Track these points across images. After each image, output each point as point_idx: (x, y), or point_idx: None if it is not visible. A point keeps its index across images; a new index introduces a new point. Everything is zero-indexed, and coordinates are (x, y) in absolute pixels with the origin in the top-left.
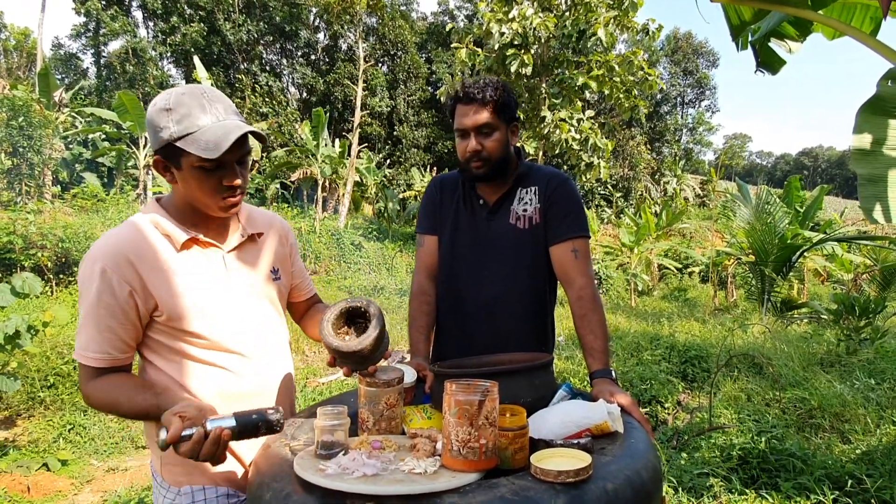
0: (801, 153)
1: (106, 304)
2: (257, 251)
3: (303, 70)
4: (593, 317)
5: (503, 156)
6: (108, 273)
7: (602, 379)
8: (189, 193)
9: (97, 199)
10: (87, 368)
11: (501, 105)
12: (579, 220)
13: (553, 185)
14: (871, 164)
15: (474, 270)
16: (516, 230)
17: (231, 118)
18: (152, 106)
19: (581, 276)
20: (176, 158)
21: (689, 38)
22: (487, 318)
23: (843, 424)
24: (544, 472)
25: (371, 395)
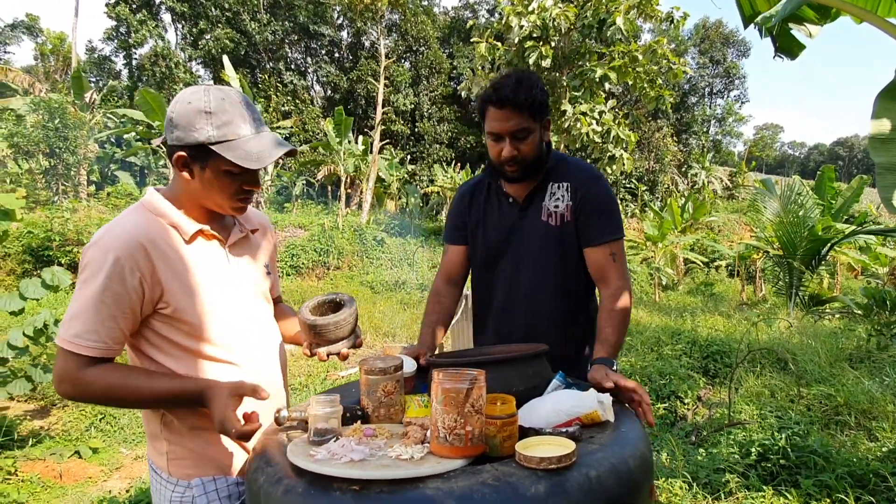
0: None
1: (114, 293)
2: (254, 247)
3: (327, 68)
4: (619, 314)
5: (538, 156)
6: (121, 261)
7: (601, 365)
8: (206, 192)
9: (131, 196)
10: (77, 357)
11: (535, 106)
12: (614, 221)
13: (586, 183)
14: (890, 151)
15: (507, 268)
16: (548, 227)
17: (264, 129)
18: (185, 104)
19: (618, 279)
20: (203, 159)
21: (718, 26)
22: (522, 315)
23: (871, 422)
24: (527, 458)
25: (369, 382)
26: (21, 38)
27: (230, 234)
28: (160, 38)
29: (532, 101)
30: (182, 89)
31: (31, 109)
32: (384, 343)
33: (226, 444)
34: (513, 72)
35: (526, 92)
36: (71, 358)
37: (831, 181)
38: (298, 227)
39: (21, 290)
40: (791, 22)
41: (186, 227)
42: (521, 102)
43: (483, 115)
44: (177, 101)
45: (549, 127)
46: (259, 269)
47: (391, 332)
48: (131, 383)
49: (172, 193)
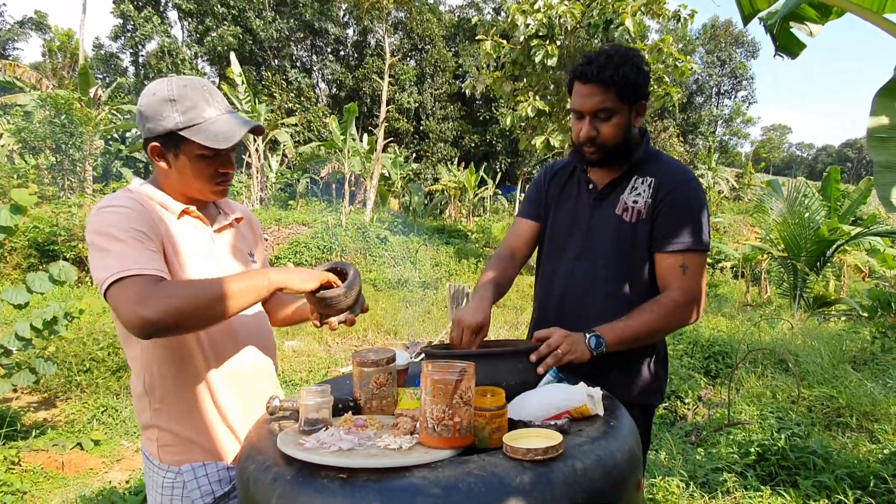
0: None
1: (145, 236)
2: (238, 234)
3: (332, 66)
4: (651, 315)
5: (622, 141)
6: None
7: (577, 333)
8: (184, 179)
9: None
10: (144, 278)
11: (625, 85)
12: (694, 230)
13: (672, 182)
14: (889, 149)
15: (570, 261)
16: (620, 222)
17: (231, 111)
18: (150, 95)
19: (680, 291)
20: (176, 146)
21: (728, 26)
22: (576, 312)
23: (873, 424)
24: (514, 449)
25: (362, 374)
26: (29, 34)
27: (215, 221)
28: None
29: (620, 79)
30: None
31: (38, 105)
32: (386, 341)
33: (215, 431)
34: (612, 47)
35: (614, 69)
36: (137, 281)
37: (837, 182)
38: (302, 224)
39: (28, 283)
40: (791, 20)
41: (173, 206)
42: (607, 79)
43: (570, 91)
44: (143, 95)
45: (642, 112)
46: (243, 256)
47: (393, 329)
48: (210, 283)
49: (157, 183)
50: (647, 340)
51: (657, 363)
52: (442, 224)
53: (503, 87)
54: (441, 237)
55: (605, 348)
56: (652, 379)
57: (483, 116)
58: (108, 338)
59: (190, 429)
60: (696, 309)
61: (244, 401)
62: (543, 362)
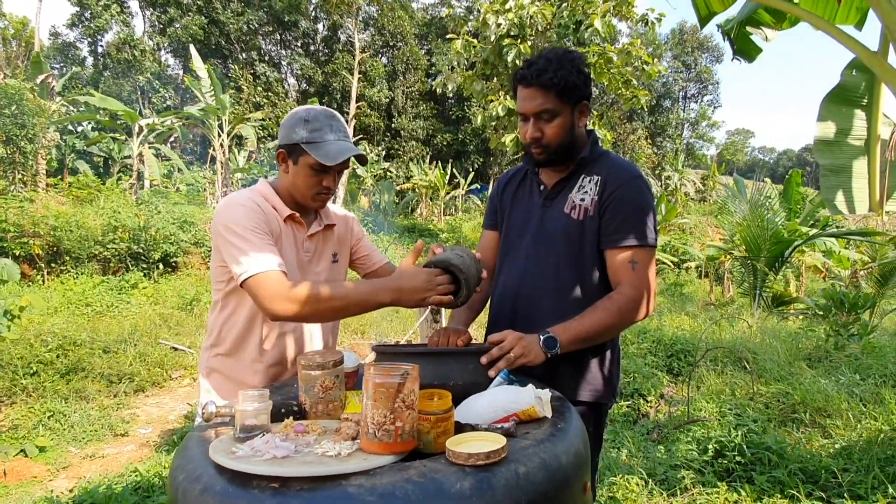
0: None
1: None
2: (325, 239)
3: (301, 61)
4: (604, 312)
5: (566, 141)
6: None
7: (530, 335)
8: (295, 183)
9: (93, 188)
10: (270, 278)
11: (565, 87)
12: (641, 226)
13: (618, 179)
14: (835, 154)
15: (521, 262)
16: (568, 220)
17: (347, 140)
18: (293, 114)
19: (630, 287)
20: (296, 155)
21: (694, 31)
22: (528, 312)
23: (825, 419)
24: (456, 454)
25: (307, 378)
26: None
27: (310, 227)
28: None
29: (560, 81)
30: (149, 78)
31: None
32: (353, 341)
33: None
34: (551, 50)
35: (554, 72)
36: (268, 280)
37: (798, 185)
38: None
39: None
40: (748, 25)
41: (282, 210)
42: (546, 82)
43: (515, 94)
44: (289, 113)
45: (586, 112)
46: (326, 258)
47: (360, 328)
48: (327, 294)
49: (276, 184)
50: (601, 338)
51: (611, 362)
52: (413, 223)
53: (474, 86)
54: (411, 236)
55: (560, 349)
56: (605, 379)
57: (455, 115)
58: (58, 339)
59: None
60: (646, 304)
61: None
62: (495, 366)
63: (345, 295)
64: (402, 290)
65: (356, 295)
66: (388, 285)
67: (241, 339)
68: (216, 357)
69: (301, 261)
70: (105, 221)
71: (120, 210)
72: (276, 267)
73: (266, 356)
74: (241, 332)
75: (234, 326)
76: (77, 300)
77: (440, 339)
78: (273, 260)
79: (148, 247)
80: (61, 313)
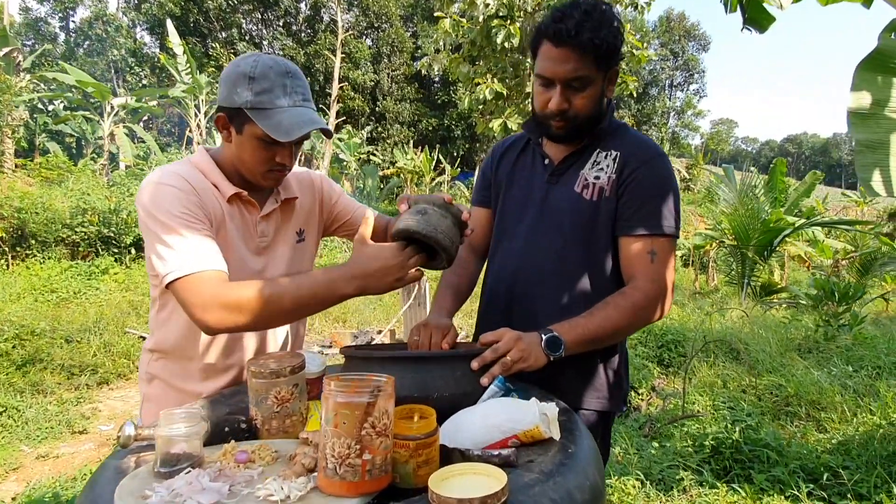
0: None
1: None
2: (286, 216)
3: (283, 40)
4: (617, 310)
5: (594, 114)
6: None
7: (530, 334)
8: (241, 157)
9: (63, 168)
10: (203, 280)
11: (605, 51)
12: (665, 213)
13: (640, 156)
14: (871, 128)
15: (520, 245)
16: (580, 200)
17: (306, 105)
18: (235, 66)
19: (647, 282)
20: (240, 123)
21: (682, 19)
22: (523, 311)
23: (820, 413)
24: (441, 499)
25: (257, 388)
26: None
27: (265, 205)
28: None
29: (602, 42)
30: (123, 55)
31: None
32: (334, 329)
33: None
34: (583, 0)
35: (594, 30)
36: (199, 283)
37: (783, 175)
38: None
39: None
40: None
41: (225, 188)
42: (586, 43)
43: (535, 52)
44: (231, 64)
45: (615, 80)
46: (289, 238)
47: (342, 316)
48: (274, 295)
49: (218, 155)
50: (610, 340)
51: (619, 365)
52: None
53: (460, 69)
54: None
55: (565, 351)
56: (613, 383)
57: (441, 100)
58: (15, 328)
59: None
60: (663, 303)
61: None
62: (489, 371)
63: (296, 294)
64: (368, 275)
65: (311, 292)
66: (350, 272)
67: (186, 340)
68: (158, 361)
69: (257, 248)
70: (74, 204)
71: (90, 192)
72: (212, 266)
73: (217, 359)
74: (185, 332)
75: (178, 325)
76: (42, 286)
77: (422, 337)
78: (208, 256)
79: (119, 230)
80: (24, 300)
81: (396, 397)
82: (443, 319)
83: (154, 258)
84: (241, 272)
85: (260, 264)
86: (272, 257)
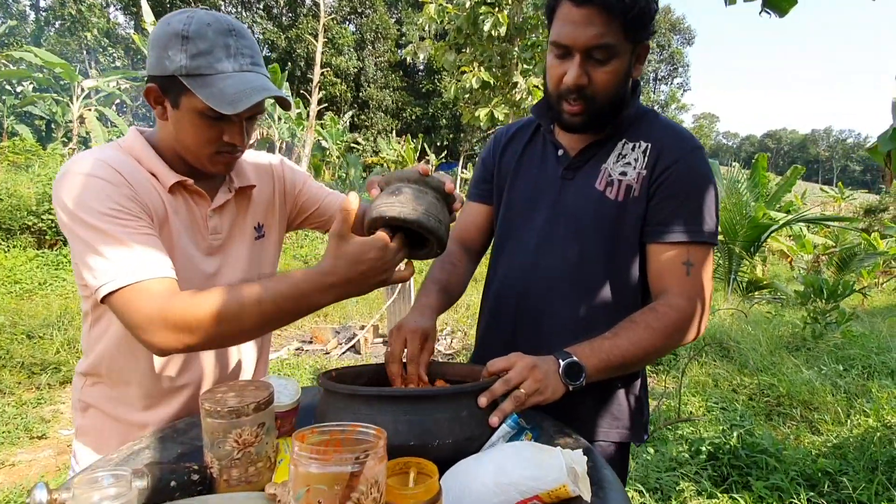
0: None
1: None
2: (243, 208)
3: (263, 24)
4: (648, 330)
5: (618, 95)
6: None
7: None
8: (180, 137)
9: (31, 152)
10: (142, 291)
11: (637, 16)
12: (703, 217)
13: (676, 150)
14: None
15: (530, 249)
16: (602, 199)
17: (256, 70)
18: (165, 24)
19: (682, 298)
20: (175, 94)
21: (667, 12)
22: (532, 326)
23: (812, 413)
24: None
25: (212, 430)
26: None
27: (216, 196)
28: None
29: (632, 4)
30: (96, 35)
31: None
32: (315, 324)
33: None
34: None
35: None
36: (153, 291)
37: (764, 170)
38: None
39: None
40: None
41: (165, 177)
42: (614, 3)
43: (551, 17)
44: (159, 23)
45: (644, 58)
46: (245, 234)
47: (323, 311)
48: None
49: (154, 137)
50: (639, 365)
51: (641, 388)
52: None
53: (446, 57)
54: None
55: (586, 379)
56: (634, 410)
57: (426, 88)
58: None
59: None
60: (700, 322)
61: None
62: (499, 407)
63: (259, 309)
64: (348, 280)
65: (276, 305)
66: (326, 280)
67: (124, 360)
68: (93, 387)
69: (208, 247)
70: (41, 190)
71: None
72: (155, 273)
73: (165, 381)
74: (123, 349)
75: (113, 342)
76: (5, 277)
77: (394, 345)
78: (150, 262)
79: None
80: None
81: (388, 446)
82: (422, 321)
83: (82, 268)
84: (190, 276)
85: (213, 266)
86: (227, 257)
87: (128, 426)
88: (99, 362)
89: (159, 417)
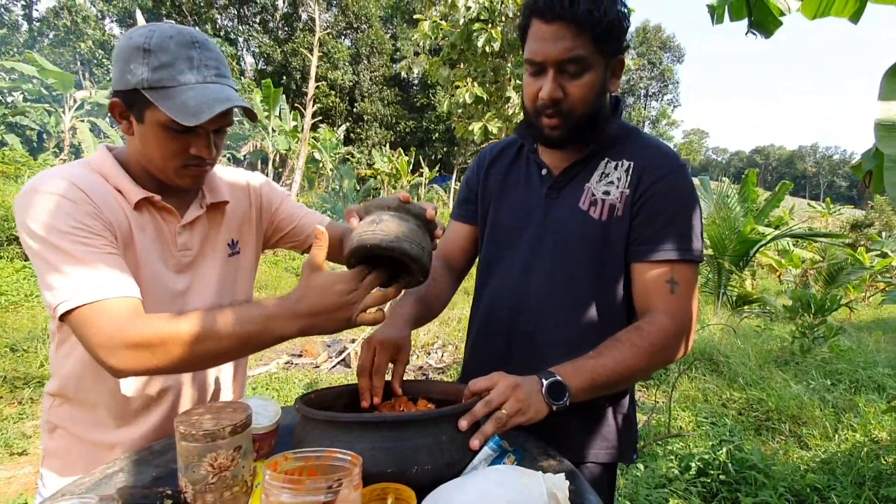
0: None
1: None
2: (215, 225)
3: (259, 38)
4: (632, 349)
5: (593, 109)
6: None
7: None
8: (145, 152)
9: (21, 163)
10: (104, 311)
11: (607, 29)
12: (685, 235)
13: (659, 168)
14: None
15: (513, 268)
16: (586, 219)
17: (221, 81)
18: (127, 38)
19: (667, 316)
20: (139, 108)
21: (657, 31)
22: (526, 341)
23: (801, 428)
24: None
25: (187, 453)
26: None
27: (186, 211)
28: None
29: (600, 17)
30: (91, 47)
31: None
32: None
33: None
34: None
35: (592, 2)
36: (113, 311)
37: (754, 185)
38: None
39: None
40: None
41: (130, 193)
42: (583, 17)
43: (524, 34)
44: (122, 37)
45: (619, 72)
46: (218, 251)
47: None
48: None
49: (123, 154)
50: (623, 384)
51: (629, 407)
52: None
53: (440, 72)
54: None
55: (570, 399)
56: (622, 429)
57: (420, 102)
58: None
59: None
60: (687, 340)
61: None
62: (480, 430)
63: (224, 334)
64: (315, 313)
65: (242, 330)
66: (293, 309)
67: (92, 380)
68: (61, 407)
69: (178, 264)
70: None
71: None
72: (117, 292)
73: (135, 403)
74: (93, 371)
75: (80, 361)
76: None
77: (363, 359)
78: (110, 280)
79: None
80: None
81: (366, 473)
82: (393, 332)
83: (42, 286)
84: (158, 295)
85: (182, 284)
86: (198, 275)
87: (96, 447)
88: (66, 383)
89: (129, 437)
